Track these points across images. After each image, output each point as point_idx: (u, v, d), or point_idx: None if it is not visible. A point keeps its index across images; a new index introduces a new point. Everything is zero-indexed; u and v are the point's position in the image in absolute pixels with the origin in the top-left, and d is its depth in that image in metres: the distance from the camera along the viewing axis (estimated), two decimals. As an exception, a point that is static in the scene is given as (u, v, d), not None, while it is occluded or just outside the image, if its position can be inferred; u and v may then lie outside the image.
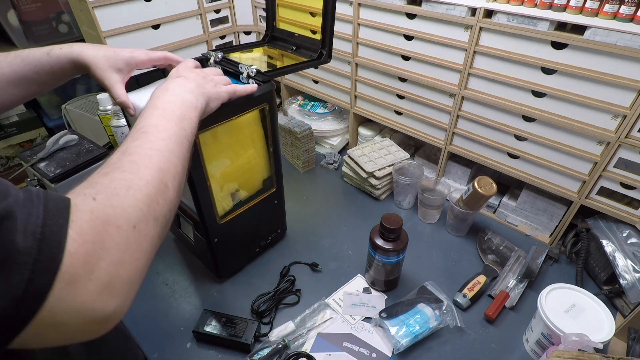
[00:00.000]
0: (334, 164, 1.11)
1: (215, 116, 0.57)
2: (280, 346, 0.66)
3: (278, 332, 0.69)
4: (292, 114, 1.23)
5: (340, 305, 0.74)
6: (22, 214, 0.26)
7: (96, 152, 0.96)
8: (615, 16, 0.63)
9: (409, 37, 0.87)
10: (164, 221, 0.35)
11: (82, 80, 1.66)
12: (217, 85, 0.52)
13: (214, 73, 0.56)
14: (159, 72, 0.71)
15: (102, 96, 1.00)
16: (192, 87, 0.47)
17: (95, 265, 0.28)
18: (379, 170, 0.95)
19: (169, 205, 0.36)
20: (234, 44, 1.26)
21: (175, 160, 0.38)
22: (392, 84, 0.97)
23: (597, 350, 0.54)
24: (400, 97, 0.98)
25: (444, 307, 0.71)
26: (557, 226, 0.85)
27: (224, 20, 1.20)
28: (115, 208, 0.30)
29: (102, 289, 0.28)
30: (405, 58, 0.90)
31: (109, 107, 1.02)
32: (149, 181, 0.34)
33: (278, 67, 0.79)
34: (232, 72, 0.71)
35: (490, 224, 0.92)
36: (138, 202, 0.32)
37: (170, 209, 0.36)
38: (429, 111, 0.94)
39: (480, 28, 0.75)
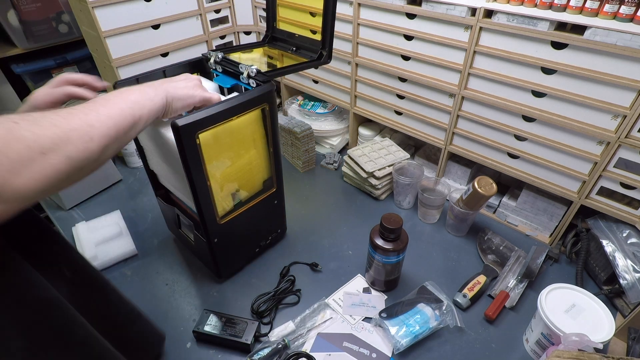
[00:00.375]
0: (334, 164, 1.11)
1: (216, 116, 0.58)
2: (280, 346, 0.66)
3: (278, 332, 0.69)
4: (292, 114, 1.23)
5: (340, 305, 0.74)
6: None
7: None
8: (615, 16, 0.63)
9: (409, 37, 0.87)
10: (79, 165, 0.37)
11: (82, 80, 1.65)
12: (187, 88, 0.56)
13: (192, 79, 0.59)
14: (159, 73, 0.71)
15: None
16: (154, 84, 0.52)
17: None
18: (379, 170, 0.95)
19: (88, 154, 0.38)
20: (234, 44, 1.26)
21: (111, 125, 0.41)
22: (392, 84, 0.97)
23: (597, 350, 0.54)
24: (400, 97, 0.98)
25: (444, 307, 0.71)
26: (557, 226, 0.85)
27: (224, 20, 1.20)
28: (32, 133, 0.34)
29: None
30: (405, 58, 0.90)
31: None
32: (74, 128, 0.37)
33: (278, 67, 0.79)
34: (232, 72, 0.71)
35: (490, 224, 0.92)
36: (55, 136, 0.35)
37: (89, 159, 0.38)
38: (429, 111, 0.94)
39: (480, 28, 0.75)
